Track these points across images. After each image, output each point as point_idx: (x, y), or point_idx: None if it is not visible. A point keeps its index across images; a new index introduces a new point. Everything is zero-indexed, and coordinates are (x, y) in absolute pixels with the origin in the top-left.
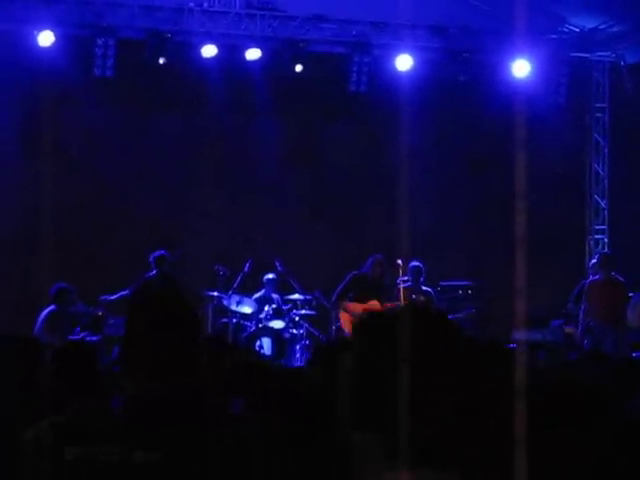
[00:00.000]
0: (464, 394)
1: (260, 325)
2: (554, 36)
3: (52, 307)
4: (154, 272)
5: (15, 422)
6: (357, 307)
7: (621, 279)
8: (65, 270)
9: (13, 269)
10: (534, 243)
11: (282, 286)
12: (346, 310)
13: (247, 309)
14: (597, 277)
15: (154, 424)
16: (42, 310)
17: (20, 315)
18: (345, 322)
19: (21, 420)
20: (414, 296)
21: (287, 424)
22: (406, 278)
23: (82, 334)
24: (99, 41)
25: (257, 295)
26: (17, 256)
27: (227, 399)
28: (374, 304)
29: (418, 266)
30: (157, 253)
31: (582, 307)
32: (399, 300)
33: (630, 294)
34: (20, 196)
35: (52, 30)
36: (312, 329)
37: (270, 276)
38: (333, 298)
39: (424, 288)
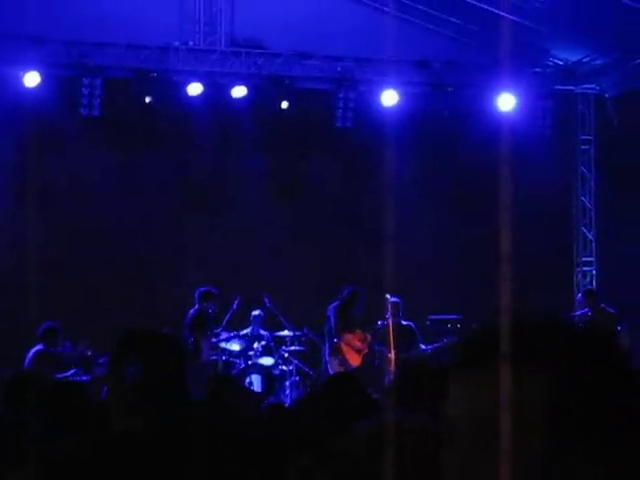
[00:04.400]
0: None
1: (249, 362)
2: (538, 69)
3: (39, 346)
4: (196, 307)
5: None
6: (353, 339)
7: (611, 310)
8: (53, 309)
9: (1, 308)
10: (522, 275)
11: (271, 322)
12: (350, 344)
13: (236, 346)
14: (585, 310)
15: (148, 461)
16: (29, 349)
17: (7, 353)
18: (349, 354)
19: (7, 459)
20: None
21: None
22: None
23: (71, 373)
24: (85, 81)
25: (244, 332)
26: (5, 296)
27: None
28: (359, 334)
29: (396, 302)
30: (202, 289)
31: None
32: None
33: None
34: (7, 236)
35: (38, 71)
36: (302, 365)
37: (256, 312)
38: (336, 335)
39: (404, 323)
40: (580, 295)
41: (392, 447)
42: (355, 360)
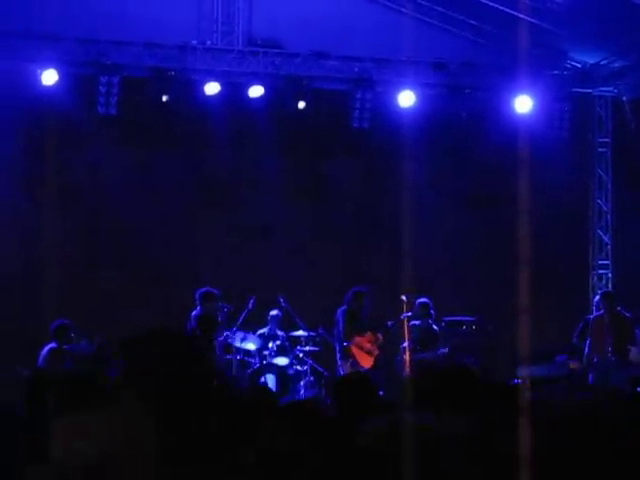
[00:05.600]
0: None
1: (264, 362)
2: (556, 72)
3: (52, 344)
4: (199, 308)
5: (20, 456)
6: (363, 341)
7: (627, 314)
8: (69, 307)
9: (16, 304)
10: (538, 278)
11: (286, 323)
12: (360, 346)
13: (251, 346)
14: (601, 312)
15: None
16: (44, 346)
17: (22, 350)
18: (360, 356)
19: (26, 455)
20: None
21: None
22: (410, 314)
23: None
24: (103, 79)
25: (261, 331)
26: (20, 292)
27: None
28: (369, 336)
29: (425, 302)
30: (202, 290)
31: (587, 342)
32: (403, 335)
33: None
34: (24, 232)
35: (56, 69)
36: (316, 365)
37: (274, 312)
38: (345, 338)
39: (434, 327)
40: (598, 297)
41: (401, 445)
42: (367, 362)
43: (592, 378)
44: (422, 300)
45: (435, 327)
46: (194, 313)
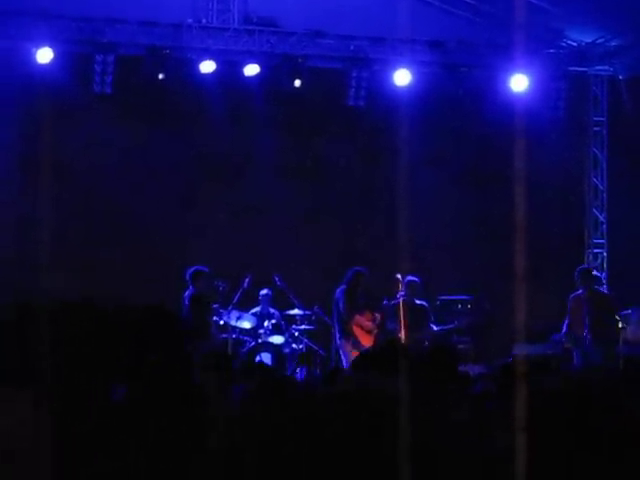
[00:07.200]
0: None
1: (260, 340)
2: (552, 50)
3: None
4: (191, 288)
5: None
6: (363, 320)
7: (605, 292)
8: (63, 285)
9: (11, 284)
10: (533, 257)
11: (281, 301)
12: (360, 325)
13: (247, 324)
14: (579, 292)
15: None
16: None
17: None
18: (361, 335)
19: None
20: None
21: None
22: (403, 292)
23: None
24: (98, 58)
25: (254, 310)
26: (15, 272)
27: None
28: (368, 315)
29: (414, 280)
30: (192, 269)
31: (565, 321)
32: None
33: (629, 311)
34: (18, 212)
35: (51, 47)
36: (312, 344)
37: (264, 292)
38: (347, 317)
39: (418, 302)
40: (576, 274)
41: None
42: (367, 341)
43: (576, 357)
44: (408, 278)
45: (419, 303)
46: (186, 293)
